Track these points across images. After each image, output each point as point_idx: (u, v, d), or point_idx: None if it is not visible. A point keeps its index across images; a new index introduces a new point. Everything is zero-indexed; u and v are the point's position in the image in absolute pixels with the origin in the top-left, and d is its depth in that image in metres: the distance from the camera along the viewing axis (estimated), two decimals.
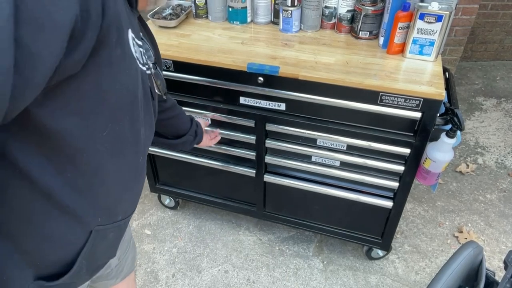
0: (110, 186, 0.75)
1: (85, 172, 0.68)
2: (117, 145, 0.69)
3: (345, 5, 1.49)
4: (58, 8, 0.46)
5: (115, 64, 0.59)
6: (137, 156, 0.78)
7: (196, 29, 1.61)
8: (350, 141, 1.43)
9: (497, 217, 2.14)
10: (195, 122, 1.29)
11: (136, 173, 0.81)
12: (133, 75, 0.65)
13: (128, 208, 0.85)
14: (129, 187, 0.81)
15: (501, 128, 2.79)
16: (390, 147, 1.40)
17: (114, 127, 0.66)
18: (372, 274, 1.86)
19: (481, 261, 1.07)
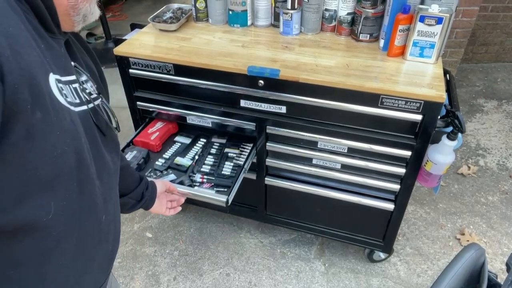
0: (69, 266, 0.64)
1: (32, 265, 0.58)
2: (68, 220, 0.59)
3: (345, 7, 1.49)
4: None
5: (38, 132, 0.49)
6: (97, 217, 0.67)
7: (197, 32, 1.62)
8: (351, 143, 1.43)
9: (499, 219, 2.14)
10: (144, 184, 1.04)
11: (102, 236, 0.70)
12: (68, 130, 0.55)
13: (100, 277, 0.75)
14: (95, 255, 0.71)
15: (502, 130, 2.78)
16: (391, 150, 1.40)
17: (59, 203, 0.56)
18: (374, 276, 1.85)
19: (483, 263, 1.07)
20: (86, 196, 0.62)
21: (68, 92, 0.57)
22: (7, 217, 0.51)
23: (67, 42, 0.65)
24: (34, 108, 0.47)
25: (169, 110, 1.59)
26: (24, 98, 0.46)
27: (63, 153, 0.54)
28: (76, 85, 0.60)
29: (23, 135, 0.47)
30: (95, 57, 0.77)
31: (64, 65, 0.58)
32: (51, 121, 0.51)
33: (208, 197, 1.38)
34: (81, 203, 0.61)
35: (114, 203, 0.75)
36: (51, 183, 0.54)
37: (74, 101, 0.58)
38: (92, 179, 0.63)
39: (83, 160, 0.59)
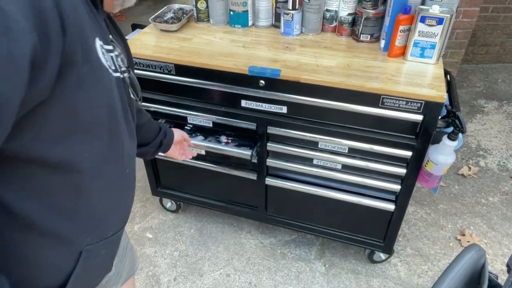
0: (96, 204, 0.72)
1: (68, 196, 0.66)
2: (98, 164, 0.67)
3: (346, 8, 1.49)
4: (12, 40, 0.43)
5: (85, 82, 0.57)
6: (122, 169, 0.76)
7: (198, 32, 1.62)
8: (351, 143, 1.43)
9: (499, 220, 2.13)
10: (162, 133, 1.17)
11: (123, 186, 0.79)
12: (106, 87, 0.63)
13: (118, 222, 0.83)
14: (117, 202, 0.79)
15: (503, 130, 2.78)
16: (391, 150, 1.40)
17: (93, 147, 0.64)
18: (374, 277, 1.85)
19: (484, 264, 1.07)
20: (114, 147, 0.70)
21: (108, 57, 0.64)
22: (50, 150, 0.58)
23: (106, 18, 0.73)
24: (84, 61, 0.55)
25: (170, 110, 1.59)
26: (78, 51, 0.53)
27: (101, 106, 0.62)
28: (112, 54, 0.67)
29: (74, 82, 0.55)
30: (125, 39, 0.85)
31: (105, 36, 0.65)
32: (94, 76, 0.59)
33: (233, 151, 1.57)
34: (110, 152, 0.69)
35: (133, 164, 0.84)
36: (88, 128, 0.62)
37: (111, 67, 0.65)
38: (121, 135, 0.71)
39: (116, 116, 0.67)
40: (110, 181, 0.73)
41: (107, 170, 0.70)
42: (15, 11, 0.43)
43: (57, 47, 0.49)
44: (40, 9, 0.47)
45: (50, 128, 0.56)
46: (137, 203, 2.22)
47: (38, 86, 0.49)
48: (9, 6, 0.43)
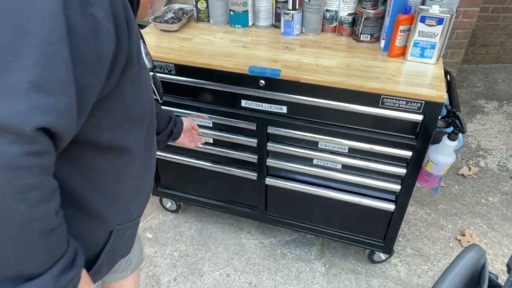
0: (129, 188, 0.80)
1: (110, 177, 0.73)
2: (137, 151, 0.75)
3: (346, 8, 1.49)
4: (101, 44, 0.53)
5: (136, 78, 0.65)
6: (152, 158, 0.86)
7: (198, 32, 1.62)
8: (351, 143, 1.43)
9: (499, 220, 2.13)
10: (173, 122, 1.23)
11: (149, 174, 0.87)
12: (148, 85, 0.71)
13: (141, 207, 0.90)
14: (143, 188, 0.87)
15: (503, 130, 2.78)
16: (391, 150, 1.40)
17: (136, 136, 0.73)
18: (374, 277, 1.85)
19: (484, 264, 1.07)
20: (150, 138, 0.80)
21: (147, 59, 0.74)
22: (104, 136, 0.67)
23: None
24: (136, 61, 0.63)
25: (170, 110, 1.59)
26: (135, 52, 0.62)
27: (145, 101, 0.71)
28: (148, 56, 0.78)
29: (130, 79, 0.63)
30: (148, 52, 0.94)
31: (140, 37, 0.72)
32: (141, 75, 0.67)
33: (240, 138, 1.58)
34: (146, 142, 0.79)
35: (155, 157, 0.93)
36: (135, 120, 0.71)
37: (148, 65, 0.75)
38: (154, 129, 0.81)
39: (152, 110, 0.77)
40: (143, 168, 0.81)
41: (142, 158, 0.79)
42: (103, 17, 0.52)
43: (124, 47, 0.58)
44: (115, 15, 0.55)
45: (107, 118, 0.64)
46: None
47: (110, 80, 0.58)
48: (100, 13, 0.52)
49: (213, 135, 1.64)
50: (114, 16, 0.55)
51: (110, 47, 0.54)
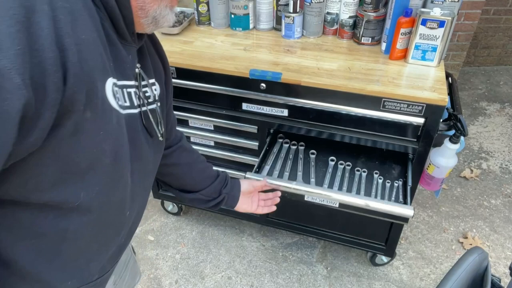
0: (83, 248, 0.69)
1: (51, 238, 0.63)
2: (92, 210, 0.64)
3: (347, 11, 1.50)
4: (2, 100, 0.42)
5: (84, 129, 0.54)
6: (122, 212, 0.72)
7: (199, 36, 1.62)
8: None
9: (502, 222, 2.13)
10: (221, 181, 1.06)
11: (119, 228, 0.75)
12: (110, 131, 0.59)
13: (106, 265, 0.78)
14: (109, 245, 0.75)
15: (505, 133, 2.77)
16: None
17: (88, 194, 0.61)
18: (376, 280, 1.84)
19: (487, 267, 1.06)
20: (115, 192, 0.66)
21: (120, 95, 0.61)
22: (38, 195, 0.56)
23: (141, 49, 0.70)
24: (86, 108, 0.52)
25: None
26: (80, 99, 0.51)
27: (102, 151, 0.58)
28: (131, 90, 0.65)
29: (71, 131, 0.52)
30: (166, 62, 0.83)
31: (125, 71, 0.63)
32: (98, 121, 0.55)
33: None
34: (109, 198, 0.65)
35: (141, 202, 0.80)
36: (84, 175, 0.59)
37: (124, 104, 0.62)
38: (124, 177, 0.67)
39: (120, 159, 0.63)
40: (103, 225, 0.69)
41: (101, 215, 0.66)
42: (9, 67, 0.42)
43: (55, 99, 0.47)
44: (40, 61, 0.45)
45: (39, 177, 0.54)
46: None
47: (28, 140, 0.47)
48: (2, 62, 0.42)
49: (214, 138, 1.64)
50: (33, 63, 0.44)
51: (16, 104, 0.43)
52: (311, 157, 1.50)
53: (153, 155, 0.76)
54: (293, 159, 1.49)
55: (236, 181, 1.13)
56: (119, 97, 0.60)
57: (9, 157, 0.47)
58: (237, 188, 1.12)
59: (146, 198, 0.83)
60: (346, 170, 1.45)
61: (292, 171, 1.44)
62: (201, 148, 1.69)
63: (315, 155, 1.51)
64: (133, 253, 1.08)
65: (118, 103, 0.60)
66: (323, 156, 1.51)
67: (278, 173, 1.43)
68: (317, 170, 1.45)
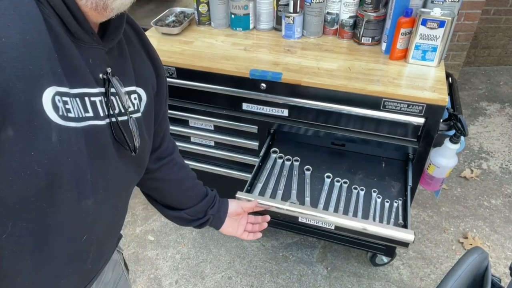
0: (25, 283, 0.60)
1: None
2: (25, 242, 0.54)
3: (347, 11, 1.50)
4: None
5: (5, 150, 0.45)
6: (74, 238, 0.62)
7: (199, 36, 1.62)
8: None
9: (502, 222, 2.13)
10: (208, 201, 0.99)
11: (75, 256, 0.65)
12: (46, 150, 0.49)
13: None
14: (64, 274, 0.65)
15: (505, 133, 2.77)
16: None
17: (18, 224, 0.52)
18: (376, 280, 1.84)
19: (487, 267, 1.06)
20: (58, 217, 0.56)
21: (74, 105, 0.52)
22: None
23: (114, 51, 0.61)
24: (4, 126, 0.44)
25: (171, 113, 1.59)
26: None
27: (33, 175, 0.49)
28: (96, 98, 0.56)
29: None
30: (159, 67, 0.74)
31: (84, 77, 0.54)
32: (26, 139, 0.46)
33: None
34: (50, 225, 0.56)
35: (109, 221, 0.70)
36: (12, 204, 0.49)
37: (81, 115, 0.53)
38: (74, 200, 0.56)
39: (62, 180, 0.53)
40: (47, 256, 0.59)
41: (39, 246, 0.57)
42: None
43: None
44: None
45: None
46: (138, 206, 2.22)
47: None
48: None
49: (214, 138, 1.64)
50: None
51: None
52: (306, 174, 1.40)
53: (126, 169, 0.68)
54: (287, 176, 1.40)
55: (224, 201, 1.06)
56: (72, 108, 0.51)
57: None
58: (224, 210, 1.04)
59: (120, 215, 0.75)
60: (343, 188, 1.36)
61: (286, 188, 1.35)
62: (201, 148, 1.68)
63: (310, 171, 1.42)
64: (124, 271, 0.98)
65: (67, 115, 0.51)
66: (318, 172, 1.42)
67: (271, 191, 1.34)
68: (312, 187, 1.36)
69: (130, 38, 0.67)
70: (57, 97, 0.49)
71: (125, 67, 0.64)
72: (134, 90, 0.65)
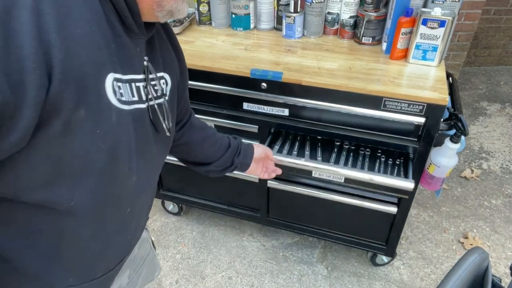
0: (84, 247, 0.68)
1: (50, 236, 0.62)
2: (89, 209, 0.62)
3: (347, 11, 1.50)
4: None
5: (77, 128, 0.51)
6: (121, 210, 0.70)
7: (200, 35, 1.62)
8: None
9: (502, 222, 2.13)
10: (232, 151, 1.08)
11: (121, 226, 0.73)
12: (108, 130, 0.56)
13: (111, 262, 0.77)
14: (111, 243, 0.74)
15: (505, 133, 2.77)
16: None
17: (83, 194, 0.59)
18: (376, 280, 1.84)
19: (487, 267, 1.06)
20: (114, 190, 0.64)
21: (126, 90, 0.59)
22: (28, 197, 0.55)
23: (151, 40, 0.67)
24: (78, 106, 0.50)
25: None
26: (69, 97, 0.48)
27: (98, 150, 0.56)
28: (140, 84, 0.63)
29: (61, 129, 0.50)
30: (181, 54, 0.82)
31: (133, 64, 0.60)
32: (93, 119, 0.53)
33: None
34: (107, 197, 0.63)
35: (147, 197, 0.79)
36: (79, 175, 0.56)
37: (130, 99, 0.60)
38: (125, 175, 0.64)
39: (119, 158, 0.60)
40: (103, 224, 0.67)
41: (99, 214, 0.65)
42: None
43: (36, 97, 0.44)
44: (19, 58, 0.42)
45: (29, 176, 0.52)
46: None
47: (10, 139, 0.45)
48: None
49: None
50: (10, 60, 0.42)
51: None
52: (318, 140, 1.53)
53: (159, 150, 0.75)
54: (300, 141, 1.52)
55: (249, 147, 1.14)
56: (124, 93, 0.58)
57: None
58: (249, 156, 1.13)
59: (153, 193, 0.84)
60: (351, 150, 1.49)
61: (300, 151, 1.48)
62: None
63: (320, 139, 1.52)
64: (152, 248, 1.09)
65: (121, 99, 0.57)
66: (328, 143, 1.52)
67: (287, 152, 1.47)
68: (323, 150, 1.49)
69: (158, 29, 0.72)
70: (114, 83, 0.55)
71: (156, 55, 0.70)
72: (162, 76, 0.72)
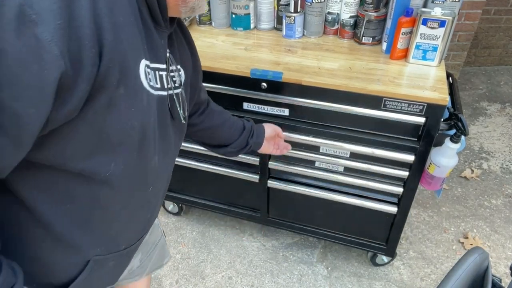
0: (112, 218, 0.73)
1: (85, 205, 0.67)
2: (119, 180, 0.67)
3: (347, 11, 1.50)
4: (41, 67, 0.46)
5: (117, 104, 0.57)
6: (146, 187, 0.76)
7: (200, 35, 1.62)
8: (353, 147, 1.43)
9: (502, 222, 2.13)
10: (247, 132, 1.18)
11: (144, 203, 0.80)
12: (141, 109, 0.62)
13: (132, 237, 0.83)
14: (135, 217, 0.80)
15: (505, 133, 2.77)
16: (394, 153, 1.39)
17: (117, 166, 0.65)
18: (377, 280, 1.84)
19: (487, 267, 1.06)
20: (141, 167, 0.70)
21: (152, 77, 0.65)
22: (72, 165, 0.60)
23: (170, 35, 0.74)
24: (119, 84, 0.56)
25: None
26: (114, 75, 0.54)
27: (132, 127, 0.62)
28: (163, 73, 0.69)
29: (105, 104, 0.56)
30: (194, 49, 0.90)
31: (158, 54, 0.66)
32: (130, 98, 0.59)
33: None
34: (136, 172, 0.69)
35: (163, 181, 0.85)
36: (116, 148, 0.62)
37: (155, 85, 0.66)
38: (151, 155, 0.71)
39: (147, 137, 0.66)
40: (130, 197, 0.73)
41: (128, 187, 0.71)
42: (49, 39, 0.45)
43: (90, 73, 0.51)
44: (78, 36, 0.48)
45: (75, 145, 0.58)
46: None
47: (65, 109, 0.51)
48: (44, 34, 0.45)
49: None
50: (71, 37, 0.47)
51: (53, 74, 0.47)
52: None
53: (175, 136, 0.81)
54: None
55: (261, 127, 1.24)
56: (151, 78, 0.64)
57: (47, 123, 0.50)
58: (261, 136, 1.23)
59: (167, 180, 0.89)
60: None
61: None
62: (201, 147, 1.68)
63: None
64: (163, 235, 1.17)
65: (150, 84, 0.64)
66: None
67: None
68: None
69: None
70: (146, 68, 0.61)
71: (174, 49, 0.76)
72: (179, 68, 0.78)
